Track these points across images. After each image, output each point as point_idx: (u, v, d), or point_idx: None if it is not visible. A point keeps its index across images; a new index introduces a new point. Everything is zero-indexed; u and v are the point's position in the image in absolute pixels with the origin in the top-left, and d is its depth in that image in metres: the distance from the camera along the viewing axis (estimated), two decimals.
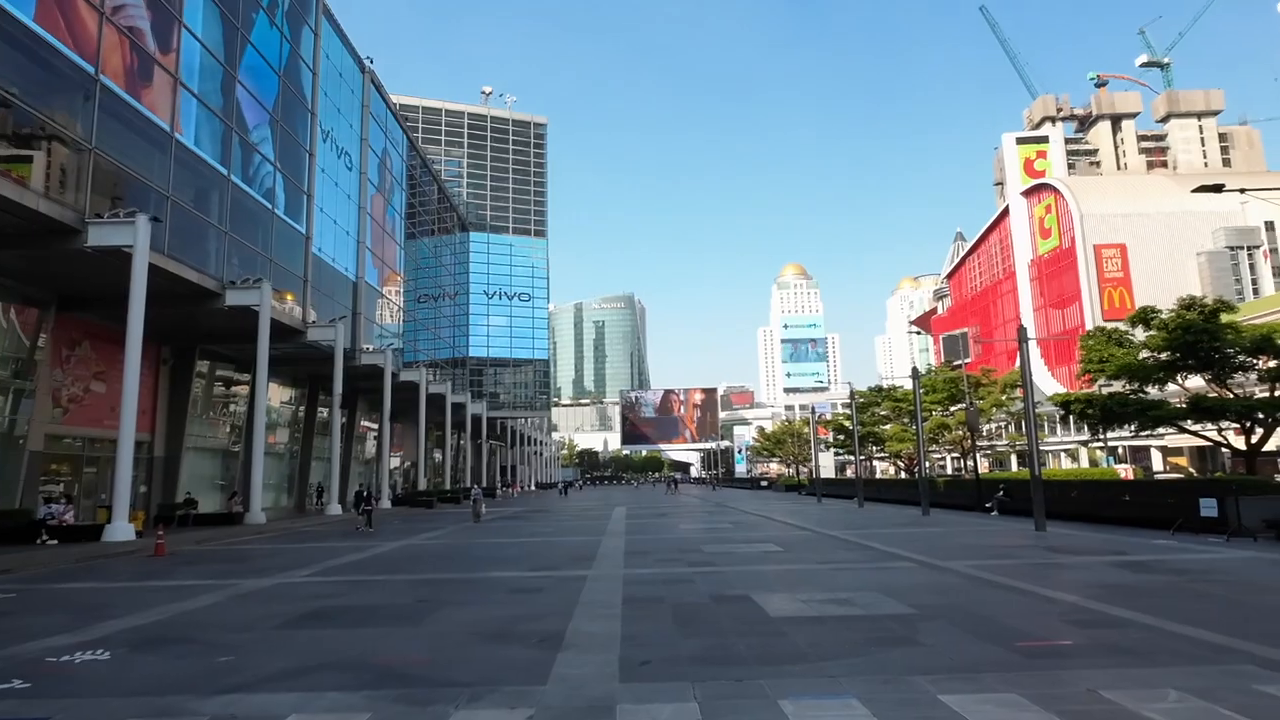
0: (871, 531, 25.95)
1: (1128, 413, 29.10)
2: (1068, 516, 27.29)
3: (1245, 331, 27.75)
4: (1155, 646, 8.62)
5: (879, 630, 9.82)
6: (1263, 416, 26.88)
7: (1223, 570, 14.58)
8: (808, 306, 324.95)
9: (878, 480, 70.10)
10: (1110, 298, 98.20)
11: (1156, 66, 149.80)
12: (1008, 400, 56.88)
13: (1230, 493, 20.39)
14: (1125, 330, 32.41)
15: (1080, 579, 14.21)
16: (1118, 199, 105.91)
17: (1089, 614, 10.67)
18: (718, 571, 16.16)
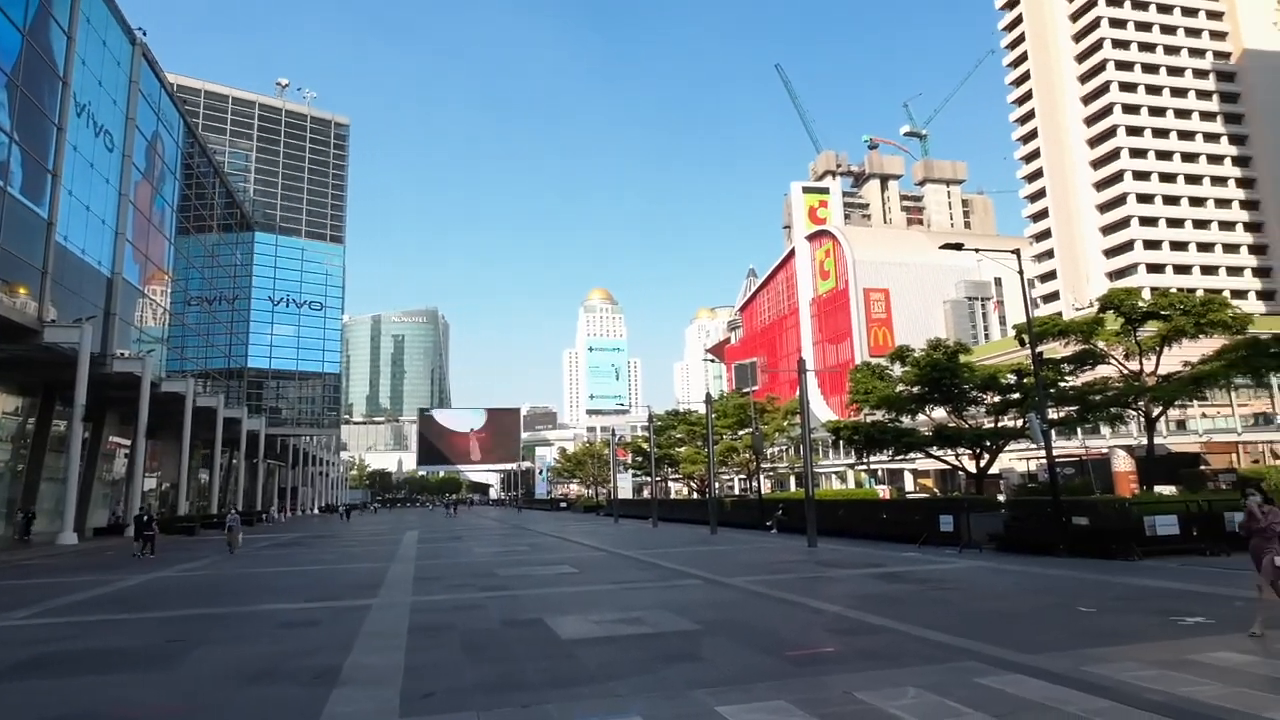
0: (663, 551, 26.88)
1: (886, 439, 32.74)
2: (836, 533, 29.99)
3: (978, 371, 32.37)
4: (901, 649, 9.67)
5: (666, 647, 10.15)
6: (989, 444, 31.42)
7: (955, 579, 16.73)
8: (613, 330, 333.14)
9: (672, 500, 72.91)
10: (876, 336, 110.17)
11: (916, 136, 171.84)
12: (789, 426, 61.70)
13: (963, 510, 23.53)
14: (886, 366, 36.53)
15: (843, 590, 15.64)
16: (884, 249, 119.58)
17: (849, 622, 11.77)
18: (511, 595, 15.92)
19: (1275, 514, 9.92)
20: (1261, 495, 10.42)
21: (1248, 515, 10.17)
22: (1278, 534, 9.87)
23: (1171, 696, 7.16)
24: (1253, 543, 10.07)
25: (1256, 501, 10.18)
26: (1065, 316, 41.87)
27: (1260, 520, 9.93)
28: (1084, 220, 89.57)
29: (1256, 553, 10.01)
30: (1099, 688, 7.53)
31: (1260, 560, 9.91)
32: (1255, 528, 9.99)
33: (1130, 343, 29.17)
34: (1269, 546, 9.83)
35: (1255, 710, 6.66)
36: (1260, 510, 10.00)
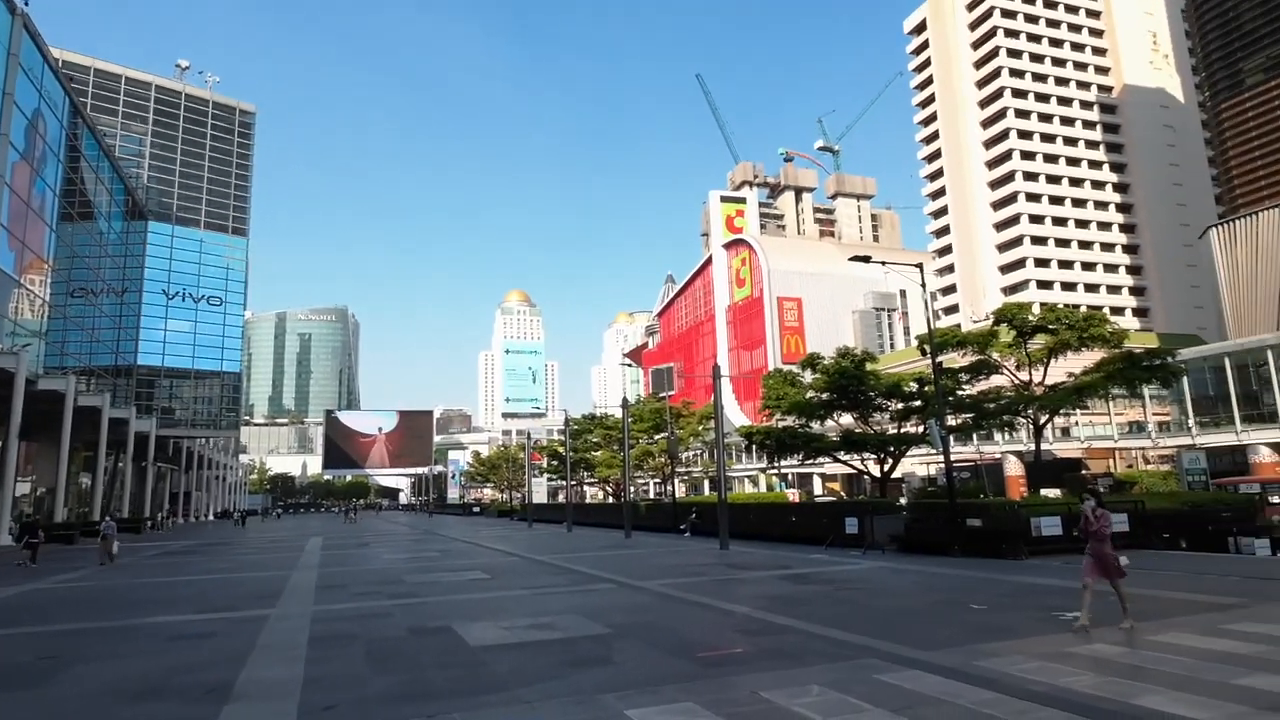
0: (577, 555, 26.78)
1: (796, 444, 33.70)
2: (748, 536, 30.58)
3: (883, 379, 33.70)
4: (805, 648, 9.94)
5: (577, 652, 10.11)
6: (892, 449, 32.74)
7: (858, 579, 17.34)
8: (530, 333, 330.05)
9: (587, 505, 72.76)
10: (789, 343, 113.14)
11: (830, 151, 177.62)
12: (704, 430, 62.61)
13: (867, 513, 24.43)
14: (797, 373, 37.57)
15: (753, 592, 15.96)
16: (798, 259, 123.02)
17: (757, 623, 12.02)
18: (420, 603, 15.52)
19: (1106, 517, 10.61)
20: (1095, 500, 11.01)
21: (1083, 519, 10.78)
22: (1109, 535, 10.56)
23: (1052, 687, 7.63)
24: (1089, 545, 10.69)
25: (1091, 506, 10.74)
26: (964, 328, 44.13)
27: (1093, 523, 10.53)
28: (982, 237, 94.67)
29: (1092, 555, 10.62)
30: (988, 681, 7.95)
31: (1095, 560, 10.49)
32: (1089, 530, 10.61)
33: (1021, 354, 31.00)
34: (1102, 549, 10.46)
35: (1123, 697, 7.18)
36: (1094, 514, 10.59)
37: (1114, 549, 10.57)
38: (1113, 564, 10.37)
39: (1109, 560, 10.37)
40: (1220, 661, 8.41)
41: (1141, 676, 7.94)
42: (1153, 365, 29.45)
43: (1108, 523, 10.58)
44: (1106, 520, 10.59)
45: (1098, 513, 10.60)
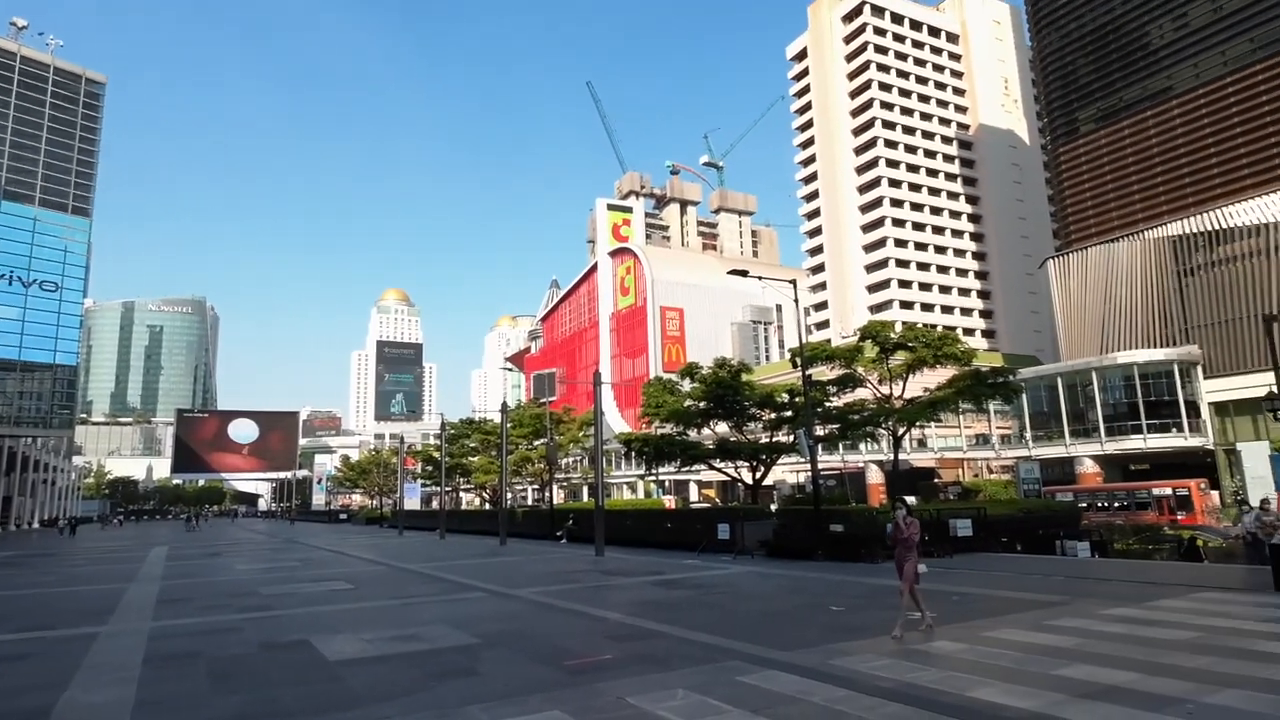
0: (449, 563, 26.08)
1: (674, 451, 34.29)
2: (625, 542, 30.80)
3: (757, 389, 34.90)
4: (673, 652, 10.11)
5: (442, 664, 9.82)
6: (765, 457, 33.93)
7: (727, 584, 17.82)
8: (408, 333, 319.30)
9: (463, 511, 71.04)
10: (670, 352, 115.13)
11: (714, 167, 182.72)
12: (584, 437, 62.57)
13: (738, 519, 25.19)
14: (677, 381, 38.28)
15: (626, 598, 16.08)
16: (681, 270, 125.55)
17: (628, 629, 12.11)
18: (274, 616, 14.62)
19: (915, 525, 10.91)
20: (905, 508, 11.31)
21: (894, 527, 10.97)
22: (917, 544, 10.84)
23: (899, 683, 8.12)
24: (897, 551, 10.94)
25: (901, 514, 11.01)
26: (834, 343, 46.44)
27: (903, 530, 10.78)
28: (852, 258, 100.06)
29: (899, 561, 10.88)
30: (841, 679, 8.35)
31: (901, 568, 10.79)
32: (899, 538, 10.85)
33: (883, 369, 32.94)
34: (909, 555, 10.72)
35: (961, 690, 7.73)
36: (904, 522, 10.85)
37: (919, 557, 10.87)
38: (912, 571, 10.61)
39: (910, 567, 10.64)
40: (1044, 654, 9.22)
41: (977, 670, 8.58)
42: (996, 383, 32.11)
43: (916, 531, 10.86)
44: (915, 529, 10.88)
45: (907, 520, 10.87)
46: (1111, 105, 61.83)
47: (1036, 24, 69.34)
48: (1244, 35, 53.87)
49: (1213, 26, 55.59)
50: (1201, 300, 52.20)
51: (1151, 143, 58.44)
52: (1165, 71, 58.38)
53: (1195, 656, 8.81)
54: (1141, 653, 9.08)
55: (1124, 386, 51.38)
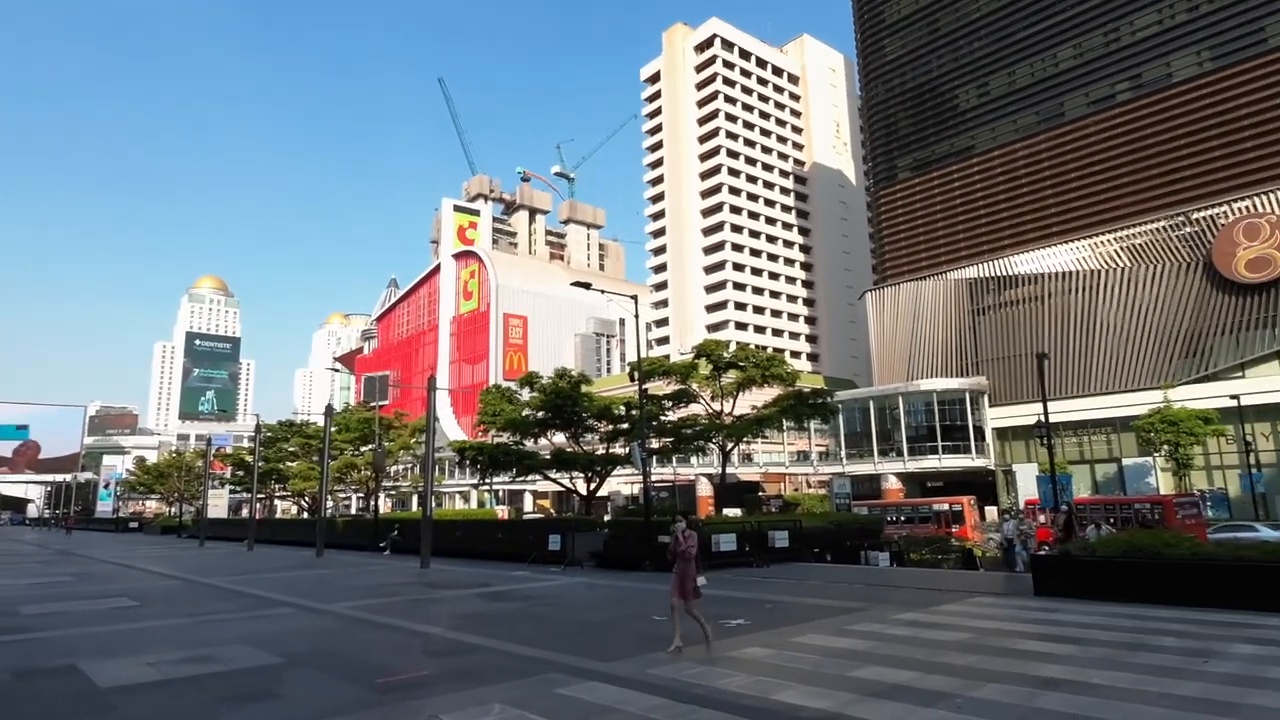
0: (256, 577, 24.15)
1: (510, 460, 33.86)
2: (454, 553, 29.93)
3: (596, 401, 35.25)
4: (492, 666, 9.93)
5: (236, 687, 9.06)
6: (600, 469, 34.28)
7: (554, 595, 17.79)
8: (224, 325, 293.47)
9: (276, 521, 66.08)
10: (512, 360, 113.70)
11: (565, 178, 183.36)
12: (415, 444, 60.26)
13: (570, 530, 25.24)
14: (516, 390, 37.88)
15: (448, 611, 15.61)
16: (527, 278, 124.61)
17: (448, 643, 11.75)
18: (35, 639, 12.85)
19: (694, 539, 10.70)
20: (685, 521, 11.20)
21: (672, 540, 10.69)
22: (695, 557, 10.55)
23: (710, 689, 8.44)
24: (675, 565, 10.62)
25: (681, 527, 10.76)
26: (673, 359, 47.86)
27: (682, 543, 10.57)
28: (693, 277, 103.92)
29: (677, 575, 10.56)
30: (657, 687, 8.56)
31: (681, 582, 10.46)
32: (677, 551, 10.62)
33: (716, 386, 34.38)
34: (688, 569, 10.47)
35: (765, 694, 8.17)
36: (682, 535, 10.62)
37: (698, 571, 10.57)
38: (691, 585, 10.39)
39: (689, 581, 10.40)
40: (841, 657, 9.94)
41: (782, 674, 9.10)
42: (816, 404, 34.49)
43: (694, 544, 10.65)
44: (693, 542, 10.66)
45: (686, 534, 10.66)
46: (925, 157, 68.58)
47: (866, 76, 75.68)
48: (1031, 108, 61.73)
49: (1008, 97, 63.24)
50: (990, 337, 58.89)
51: (955, 194, 65.40)
52: (969, 132, 65.63)
53: (966, 655, 9.84)
54: (923, 653, 10.02)
55: (925, 411, 56.84)
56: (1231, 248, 47.50)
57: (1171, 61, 54.70)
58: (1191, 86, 53.30)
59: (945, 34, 68.09)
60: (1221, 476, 46.61)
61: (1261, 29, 50.90)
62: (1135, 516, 27.04)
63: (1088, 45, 58.93)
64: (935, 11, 68.93)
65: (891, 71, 72.21)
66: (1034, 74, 61.89)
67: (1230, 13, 52.10)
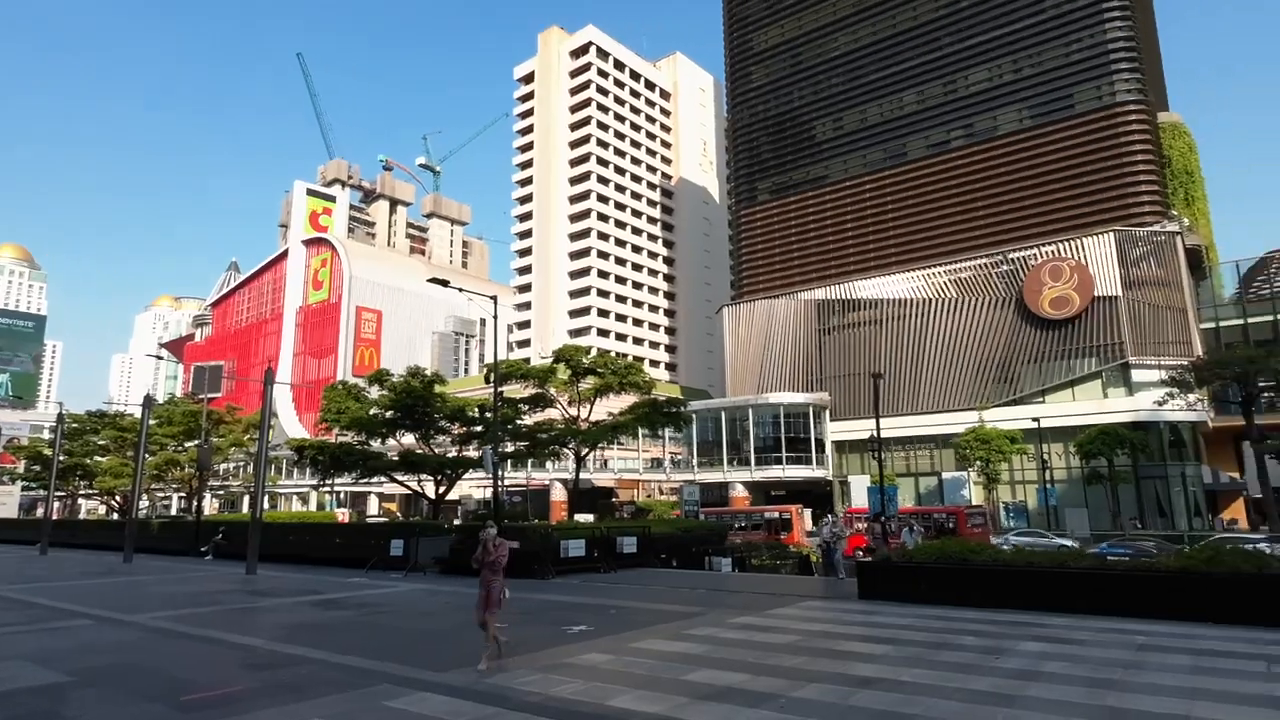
0: (49, 585, 21.57)
1: (353, 461, 32.18)
2: (288, 559, 28.04)
3: (450, 402, 34.27)
4: (316, 679, 9.38)
5: (15, 710, 8.02)
6: (450, 472, 33.34)
7: (391, 602, 17.08)
8: (27, 301, 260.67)
9: (78, 522, 59.35)
10: (363, 356, 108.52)
11: (430, 170, 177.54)
12: (249, 440, 56.09)
13: (414, 534, 24.35)
14: (364, 388, 36.13)
15: (274, 620, 14.61)
16: (384, 271, 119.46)
17: (269, 656, 10.99)
18: None
19: (505, 548, 9.96)
20: (495, 528, 10.39)
21: (481, 548, 9.93)
22: (504, 567, 9.85)
23: (545, 697, 8.39)
24: (482, 575, 9.92)
25: (491, 535, 10.01)
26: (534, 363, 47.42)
27: (491, 553, 9.83)
28: (558, 282, 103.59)
29: (484, 585, 9.87)
30: (491, 696, 8.41)
31: (487, 593, 9.85)
32: (486, 560, 9.86)
33: (574, 392, 34.39)
34: (495, 580, 9.82)
35: (600, 699, 8.22)
36: (492, 543, 9.87)
37: (504, 581, 9.99)
38: (496, 598, 9.75)
39: (494, 593, 9.76)
40: (677, 661, 10.19)
41: (618, 679, 9.20)
42: (670, 412, 35.29)
43: (505, 554, 9.96)
44: (504, 551, 9.97)
45: (496, 542, 9.95)
46: (784, 182, 72.15)
47: (733, 100, 78.68)
48: (879, 145, 66.52)
49: (859, 133, 67.81)
50: (834, 355, 62.70)
51: (809, 219, 69.24)
52: (824, 162, 69.75)
53: (793, 657, 10.37)
54: (753, 656, 10.47)
55: (772, 423, 59.59)
56: (1039, 286, 53.25)
57: (998, 116, 60.73)
58: (1013, 140, 59.42)
59: (807, 68, 72.06)
60: (1023, 490, 52.01)
61: (1070, 95, 57.59)
62: (935, 525, 30.44)
63: (929, 93, 64.30)
64: (798, 46, 72.83)
65: (757, 98, 75.48)
66: (882, 114, 66.74)
67: (1046, 79, 58.59)
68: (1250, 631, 11.55)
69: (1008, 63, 60.71)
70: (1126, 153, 54.69)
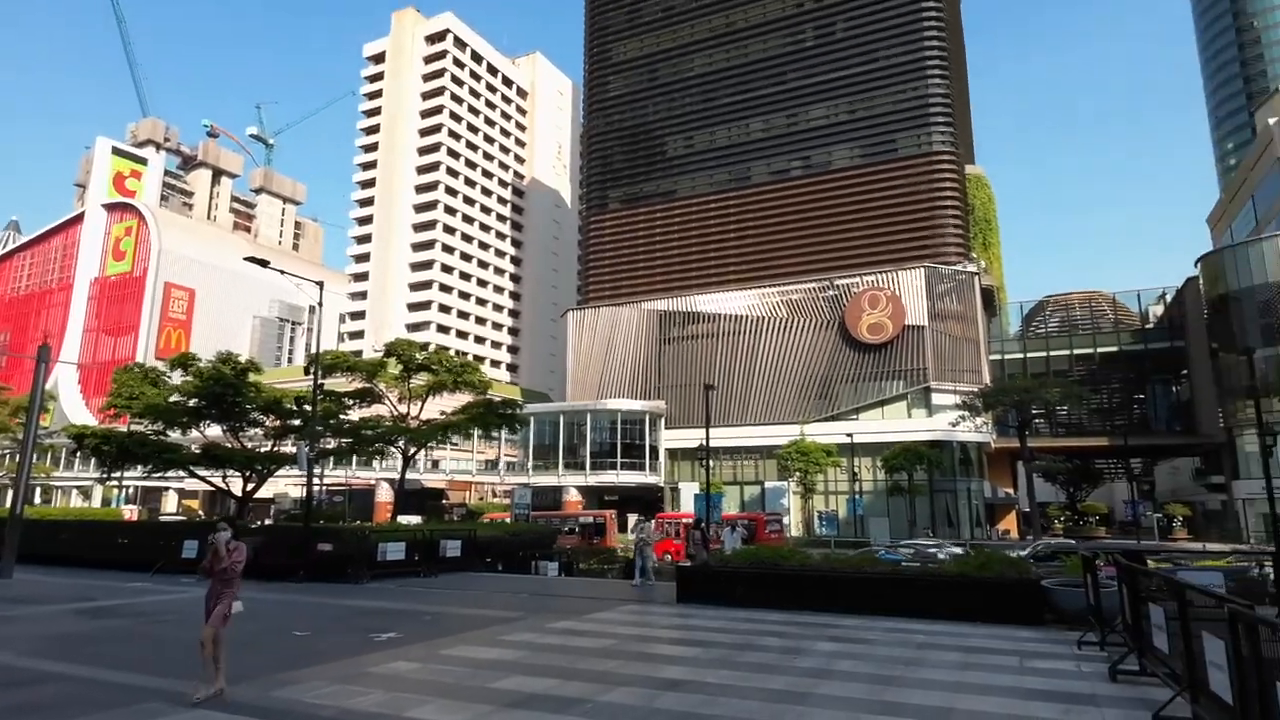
0: None
1: (146, 453, 28.88)
2: (59, 561, 24.82)
3: (266, 392, 31.66)
4: (75, 698, 8.28)
5: None
6: (261, 468, 30.78)
7: (177, 609, 15.46)
8: None
9: None
10: (169, 337, 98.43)
11: (263, 142, 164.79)
12: (17, 425, 49.13)
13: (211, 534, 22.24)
14: (165, 372, 32.63)
15: (30, 632, 12.81)
16: (201, 246, 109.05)
17: (16, 673, 9.58)
18: None
19: (242, 553, 8.52)
20: (231, 531, 8.72)
21: (211, 553, 8.35)
22: (238, 577, 8.50)
23: (339, 710, 7.87)
24: (211, 585, 8.40)
25: (225, 538, 8.43)
26: (367, 356, 45.00)
27: (223, 559, 8.31)
28: (398, 273, 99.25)
29: (211, 598, 8.34)
30: (277, 712, 7.78)
31: (211, 608, 8.29)
32: (216, 568, 8.31)
33: (405, 388, 32.97)
34: (226, 592, 8.34)
35: (398, 711, 7.83)
36: (226, 547, 8.35)
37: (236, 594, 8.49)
38: (223, 613, 8.26)
39: (222, 608, 8.27)
40: (487, 668, 9.93)
41: (422, 689, 8.81)
42: (505, 414, 34.68)
43: (241, 560, 8.47)
44: (241, 557, 8.47)
45: (231, 546, 8.41)
46: (635, 192, 73.47)
47: (590, 107, 79.17)
48: (725, 167, 69.44)
49: (708, 153, 70.43)
50: (672, 365, 64.48)
51: (657, 231, 70.93)
52: (674, 177, 71.77)
53: (606, 661, 10.42)
54: (566, 660, 10.41)
55: (610, 429, 60.28)
56: (859, 312, 57.64)
57: (833, 151, 65.27)
58: (844, 175, 64.07)
59: (663, 84, 73.92)
60: (836, 500, 55.95)
61: (895, 140, 63.00)
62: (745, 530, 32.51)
63: (775, 123, 67.98)
64: (657, 62, 74.58)
65: (613, 108, 76.41)
66: (731, 138, 69.74)
67: (875, 122, 63.76)
68: (1012, 630, 12.99)
69: (844, 103, 65.42)
70: (939, 197, 60.59)
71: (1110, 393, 64.61)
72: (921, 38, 63.04)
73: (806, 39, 67.68)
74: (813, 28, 67.56)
